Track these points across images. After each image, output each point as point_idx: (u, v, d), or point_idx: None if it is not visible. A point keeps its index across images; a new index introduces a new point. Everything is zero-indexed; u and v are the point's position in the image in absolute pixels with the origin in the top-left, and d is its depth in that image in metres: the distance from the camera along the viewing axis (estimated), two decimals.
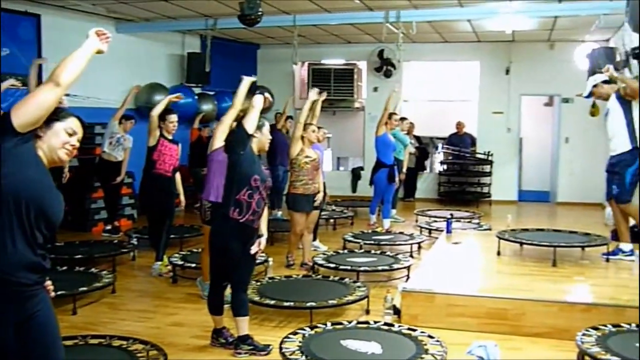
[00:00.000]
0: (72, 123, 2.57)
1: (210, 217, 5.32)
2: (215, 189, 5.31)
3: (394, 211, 10.62)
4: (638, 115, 5.91)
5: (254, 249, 4.35)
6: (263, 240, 4.47)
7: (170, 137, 6.67)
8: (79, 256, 6.77)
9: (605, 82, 6.14)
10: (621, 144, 5.99)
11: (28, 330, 2.41)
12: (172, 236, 7.98)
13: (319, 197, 7.20)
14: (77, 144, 2.59)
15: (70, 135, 2.55)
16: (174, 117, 6.66)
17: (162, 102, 6.66)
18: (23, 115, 2.31)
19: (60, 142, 2.51)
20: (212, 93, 12.04)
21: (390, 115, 9.23)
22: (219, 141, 5.22)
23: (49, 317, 2.51)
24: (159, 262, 6.80)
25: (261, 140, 4.48)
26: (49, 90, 2.36)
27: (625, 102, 5.92)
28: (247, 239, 4.32)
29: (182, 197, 7.04)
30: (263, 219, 4.44)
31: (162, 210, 6.75)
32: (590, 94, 6.49)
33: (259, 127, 4.45)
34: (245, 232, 4.29)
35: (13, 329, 2.36)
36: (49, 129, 2.49)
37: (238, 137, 4.36)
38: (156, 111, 6.49)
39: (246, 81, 4.96)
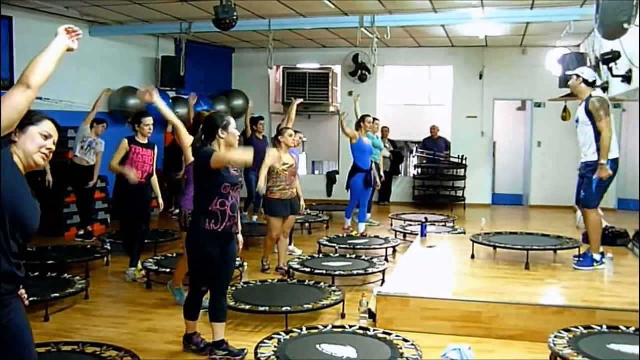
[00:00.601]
0: (47, 126, 2.53)
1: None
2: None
3: (368, 215, 10.67)
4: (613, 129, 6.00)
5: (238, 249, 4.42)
6: (240, 237, 4.48)
7: (144, 142, 6.51)
8: (51, 261, 6.69)
9: (586, 82, 6.13)
10: (590, 153, 6.09)
11: (0, 339, 2.37)
12: (146, 241, 7.94)
13: (303, 203, 7.26)
14: (53, 147, 2.55)
15: (46, 138, 2.52)
16: (149, 120, 6.51)
17: (119, 151, 6.37)
18: None
19: (36, 146, 2.47)
20: (186, 97, 11.95)
21: (363, 117, 9.23)
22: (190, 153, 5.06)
23: (22, 326, 2.47)
24: (133, 268, 6.74)
25: (228, 139, 4.27)
26: (20, 93, 2.30)
27: (592, 117, 5.97)
28: (225, 244, 4.29)
29: (160, 201, 6.90)
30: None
31: (137, 216, 6.65)
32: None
33: (224, 127, 4.25)
34: (224, 238, 4.25)
35: None
36: (23, 133, 2.46)
37: (200, 163, 4.22)
38: (115, 161, 6.34)
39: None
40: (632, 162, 12.85)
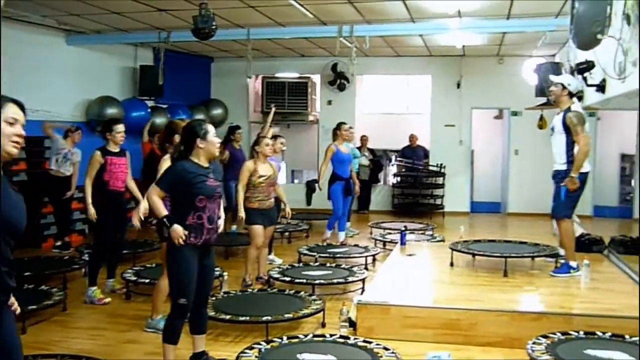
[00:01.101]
0: (10, 110, 2.30)
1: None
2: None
3: (348, 224, 10.68)
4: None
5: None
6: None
7: (117, 150, 6.31)
8: (28, 273, 6.58)
9: (570, 94, 6.25)
10: (560, 162, 6.20)
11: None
12: (125, 251, 7.87)
13: (289, 210, 7.27)
14: (23, 132, 2.35)
15: (12, 124, 2.31)
16: (121, 127, 6.30)
17: (93, 165, 6.21)
18: None
19: (6, 137, 2.29)
20: (165, 106, 11.92)
21: (339, 125, 9.19)
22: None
23: (13, 337, 2.42)
24: (112, 279, 6.65)
25: (208, 149, 4.15)
26: None
27: (568, 129, 6.08)
28: (205, 255, 4.21)
29: (145, 205, 6.65)
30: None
31: (116, 226, 6.48)
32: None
33: (203, 136, 4.10)
34: (203, 250, 4.17)
35: None
36: None
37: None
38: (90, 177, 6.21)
39: None
40: (607, 170, 13.09)
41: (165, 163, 4.88)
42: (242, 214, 6.67)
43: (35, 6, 8.30)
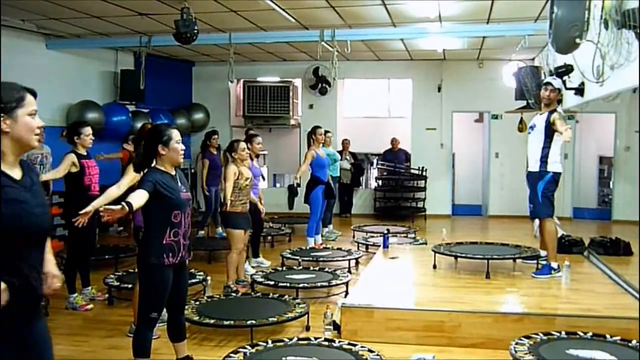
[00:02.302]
0: (30, 102, 2.26)
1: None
2: None
3: (330, 226, 10.71)
4: (560, 142, 6.20)
5: None
6: None
7: (85, 153, 6.13)
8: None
9: (558, 90, 6.39)
10: (532, 163, 6.32)
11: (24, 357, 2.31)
12: (107, 256, 7.82)
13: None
14: (42, 122, 2.31)
15: (34, 116, 2.26)
16: (89, 130, 6.13)
17: (65, 166, 5.98)
18: None
19: (32, 132, 2.24)
20: (146, 110, 11.86)
21: (314, 130, 9.18)
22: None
23: (45, 341, 2.42)
24: (88, 288, 6.49)
25: (170, 156, 3.93)
26: None
27: (550, 130, 6.18)
28: (180, 269, 4.06)
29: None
30: None
31: (91, 233, 6.37)
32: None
33: (165, 143, 3.89)
34: (179, 266, 4.03)
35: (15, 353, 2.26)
36: (15, 121, 2.21)
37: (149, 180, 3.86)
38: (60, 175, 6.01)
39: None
40: (586, 172, 13.24)
41: (130, 171, 4.65)
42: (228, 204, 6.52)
43: (14, 10, 8.22)
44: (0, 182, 2.15)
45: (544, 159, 6.20)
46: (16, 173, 2.25)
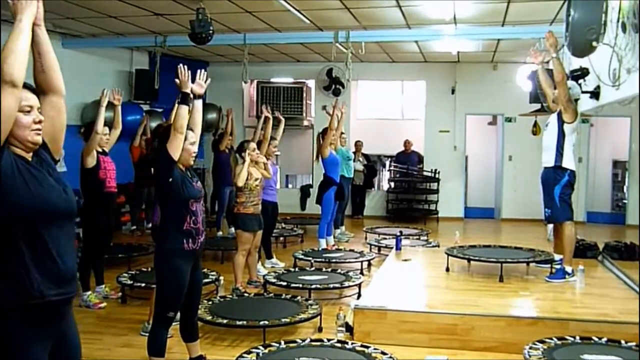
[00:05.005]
0: (25, 98, 2.20)
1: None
2: None
3: (342, 228, 10.71)
4: (574, 138, 6.20)
5: None
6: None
7: (101, 150, 6.19)
8: None
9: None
10: (549, 158, 6.27)
11: (62, 350, 2.34)
12: (120, 255, 7.87)
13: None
14: (42, 117, 2.25)
15: (29, 112, 2.21)
16: (105, 129, 6.20)
17: (101, 112, 6.02)
18: None
19: (27, 129, 2.21)
20: (160, 110, 11.92)
21: (327, 131, 9.19)
22: None
23: (75, 342, 2.44)
24: (102, 286, 6.54)
25: (182, 156, 3.97)
26: (11, 97, 2.04)
27: (561, 120, 6.18)
28: (197, 261, 4.12)
29: None
30: None
31: (106, 230, 6.44)
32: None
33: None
34: (198, 255, 4.11)
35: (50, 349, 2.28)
36: None
37: (162, 165, 3.90)
38: (101, 127, 6.00)
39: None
40: (600, 176, 13.17)
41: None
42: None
43: None
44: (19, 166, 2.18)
45: (559, 150, 6.16)
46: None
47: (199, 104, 4.14)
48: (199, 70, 4.16)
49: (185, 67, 4.04)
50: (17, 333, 2.16)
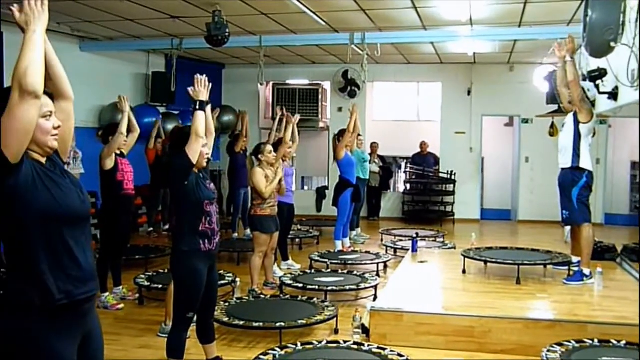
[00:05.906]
0: (45, 104, 2.24)
1: None
2: None
3: (358, 229, 10.70)
4: (590, 139, 6.18)
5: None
6: None
7: (119, 152, 6.21)
8: None
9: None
10: (566, 159, 6.24)
11: (88, 346, 2.39)
12: (137, 257, 7.93)
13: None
14: (59, 122, 2.31)
15: (49, 118, 2.26)
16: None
17: (124, 115, 6.06)
18: (14, 145, 2.05)
19: (47, 134, 2.25)
20: (176, 112, 11.99)
21: (343, 132, 9.20)
22: None
23: (99, 342, 2.49)
24: (119, 287, 6.59)
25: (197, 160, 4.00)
26: (34, 108, 2.07)
27: (577, 121, 6.16)
28: (213, 262, 4.15)
29: None
30: None
31: (123, 232, 6.48)
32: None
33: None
34: (214, 256, 4.14)
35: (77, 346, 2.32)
36: None
37: (179, 168, 3.94)
38: (125, 127, 6.03)
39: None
40: (618, 178, 13.05)
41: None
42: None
43: (50, 14, 8.33)
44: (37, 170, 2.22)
45: (576, 151, 6.14)
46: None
47: (207, 109, 4.13)
48: (196, 76, 4.16)
49: (204, 76, 4.13)
50: (46, 334, 2.20)
